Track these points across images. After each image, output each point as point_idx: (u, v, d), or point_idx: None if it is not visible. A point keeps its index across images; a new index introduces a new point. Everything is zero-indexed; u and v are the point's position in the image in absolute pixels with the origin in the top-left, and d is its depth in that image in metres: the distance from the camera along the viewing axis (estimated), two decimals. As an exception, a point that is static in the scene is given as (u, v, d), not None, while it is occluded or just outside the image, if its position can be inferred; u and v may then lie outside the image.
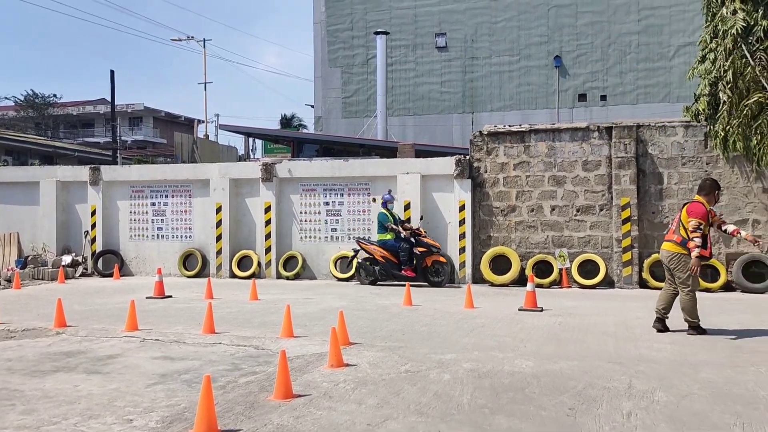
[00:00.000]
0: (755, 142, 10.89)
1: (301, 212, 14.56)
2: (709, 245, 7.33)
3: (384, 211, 12.90)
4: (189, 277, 14.56)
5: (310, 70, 35.70)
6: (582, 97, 26.60)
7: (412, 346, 6.87)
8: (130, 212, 15.51)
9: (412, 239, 12.52)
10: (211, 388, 4.22)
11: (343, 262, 13.93)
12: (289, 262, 14.42)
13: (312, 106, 31.41)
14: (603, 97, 26.08)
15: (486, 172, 13.44)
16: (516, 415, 4.56)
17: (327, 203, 14.44)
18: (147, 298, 10.82)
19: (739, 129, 11.02)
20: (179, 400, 4.96)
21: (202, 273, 14.65)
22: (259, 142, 38.37)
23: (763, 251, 11.85)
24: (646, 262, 12.24)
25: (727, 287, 11.85)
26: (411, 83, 28.15)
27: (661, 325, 7.55)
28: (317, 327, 8.00)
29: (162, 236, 15.29)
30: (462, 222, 13.29)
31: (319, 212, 14.47)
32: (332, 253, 14.13)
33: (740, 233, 7.47)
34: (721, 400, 4.86)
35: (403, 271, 12.47)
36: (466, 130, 25.56)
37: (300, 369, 5.85)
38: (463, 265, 13.24)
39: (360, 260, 13.05)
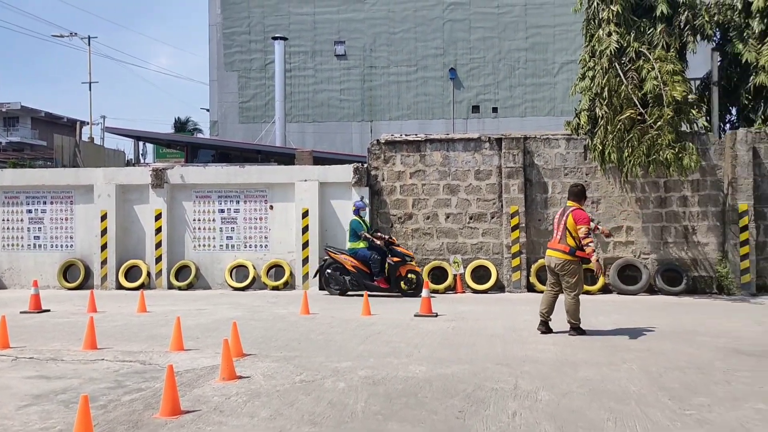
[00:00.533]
0: (627, 154, 11.73)
1: (194, 220, 14.09)
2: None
3: (357, 218, 12.36)
4: (70, 289, 13.67)
5: (205, 72, 34.52)
6: (475, 109, 27.61)
7: (308, 355, 6.82)
8: (3, 220, 14.35)
9: (387, 248, 12.10)
10: (89, 408, 3.98)
11: (240, 271, 13.62)
12: (182, 271, 13.90)
13: (207, 110, 30.53)
14: (495, 110, 27.20)
15: (383, 180, 13.62)
16: (408, 420, 4.63)
17: (222, 210, 14.07)
18: (21, 312, 10.04)
19: (614, 142, 11.83)
20: (54, 422, 4.63)
21: (85, 285, 13.80)
22: (150, 147, 36.77)
23: (636, 256, 12.80)
24: (533, 267, 12.87)
25: (605, 290, 12.69)
26: (310, 90, 28.07)
27: (545, 328, 7.95)
28: (210, 339, 7.75)
29: (39, 246, 14.25)
30: (359, 229, 13.37)
31: (213, 220, 14.06)
32: (228, 262, 13.78)
33: (598, 228, 8.14)
34: (597, 396, 5.19)
35: (375, 282, 11.98)
36: (365, 138, 25.79)
37: (190, 383, 5.65)
38: (360, 272, 13.31)
39: (329, 270, 12.44)
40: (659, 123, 11.56)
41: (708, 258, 12.73)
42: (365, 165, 13.74)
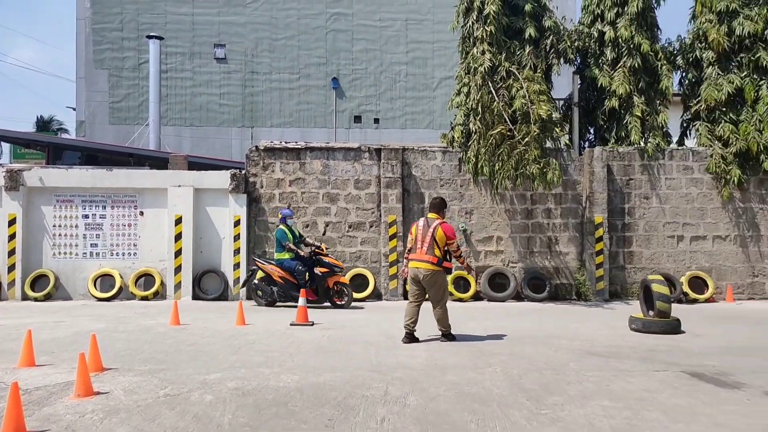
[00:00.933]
0: (497, 167, 12.37)
1: (54, 226, 13.08)
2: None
3: (283, 227, 11.78)
4: None
5: (72, 69, 32.31)
6: (357, 119, 27.90)
7: (175, 367, 6.52)
8: None
9: (314, 258, 11.66)
10: None
11: (105, 280, 12.81)
12: (39, 281, 12.84)
13: (74, 109, 28.52)
14: (376, 120, 27.65)
15: (262, 187, 13.40)
16: (277, 430, 4.56)
17: (86, 216, 13.17)
18: None
19: (486, 156, 12.44)
20: None
21: None
22: (6, 146, 33.70)
23: (505, 264, 13.49)
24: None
25: (476, 297, 13.25)
26: (188, 93, 27.04)
27: (409, 339, 7.94)
28: (66, 353, 7.20)
29: None
30: (237, 237, 13.05)
31: (76, 226, 13.13)
32: (92, 270, 12.91)
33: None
34: (462, 399, 5.38)
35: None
36: (245, 145, 25.19)
37: (40, 401, 5.21)
38: (237, 281, 12.99)
39: (257, 280, 11.98)
40: (527, 139, 12.27)
41: (569, 266, 13.66)
42: (243, 172, 13.45)
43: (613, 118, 14.15)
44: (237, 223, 13.06)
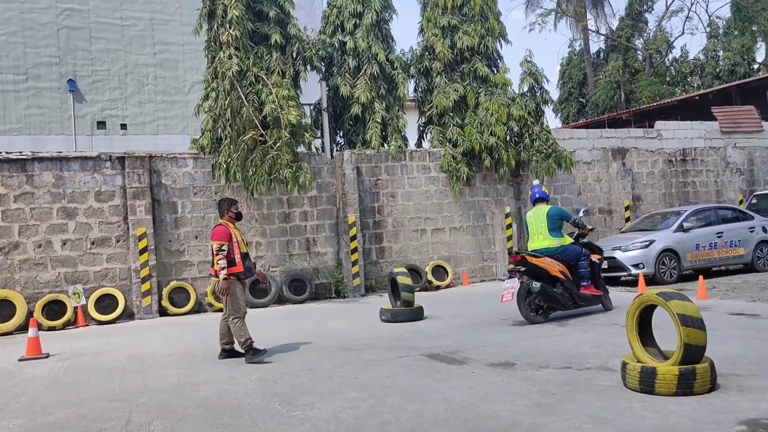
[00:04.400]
0: (251, 173, 12.31)
1: None
2: (240, 261, 7.18)
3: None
4: None
5: None
6: (101, 125, 25.63)
7: None
8: None
9: None
10: None
11: None
12: None
13: None
14: (123, 126, 25.68)
15: (-21, 205, 11.59)
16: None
17: None
18: None
19: (239, 162, 12.30)
20: None
21: None
22: None
23: (265, 269, 13.50)
24: (165, 290, 12.49)
25: (280, 300, 13.14)
26: None
27: (226, 355, 7.48)
28: None
29: None
30: (-53, 266, 11.12)
31: None
32: None
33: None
34: (212, 415, 5.22)
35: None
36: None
37: None
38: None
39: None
40: (279, 144, 12.41)
41: (327, 266, 14.14)
42: (-47, 188, 11.50)
43: (358, 123, 14.99)
44: (-53, 249, 11.12)
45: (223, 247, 7.03)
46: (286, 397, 5.63)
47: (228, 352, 7.51)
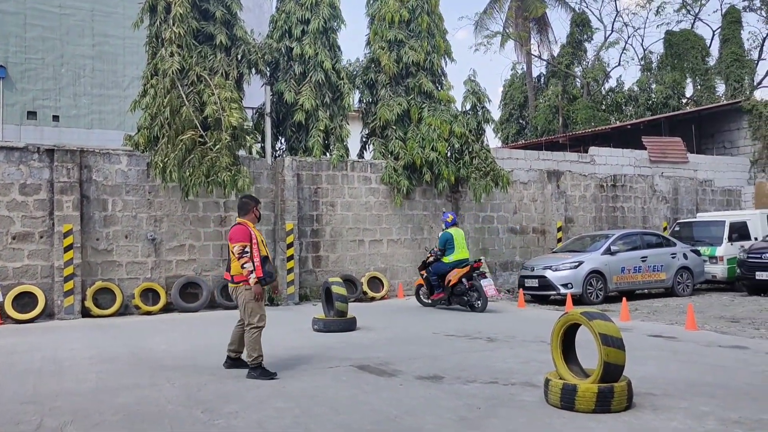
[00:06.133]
0: (188, 174, 12.04)
1: None
2: (259, 265, 6.51)
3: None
4: None
5: None
6: (32, 115, 24.55)
7: None
8: None
9: None
10: None
11: None
12: None
13: None
14: (56, 118, 24.66)
15: None
16: None
17: None
18: None
19: (176, 161, 12.00)
20: None
21: None
22: None
23: (198, 273, 13.19)
24: (89, 291, 12.01)
25: (167, 309, 12.66)
26: None
27: (231, 364, 6.95)
28: None
29: None
30: None
31: None
32: None
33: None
34: (130, 422, 5.04)
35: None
36: None
37: None
38: None
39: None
40: (218, 146, 12.20)
41: (262, 272, 13.90)
42: None
43: (301, 130, 14.90)
44: None
45: (246, 249, 6.41)
46: (210, 405, 5.50)
47: (234, 361, 6.92)
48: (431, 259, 12.52)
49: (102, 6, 25.01)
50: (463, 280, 11.91)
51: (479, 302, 11.81)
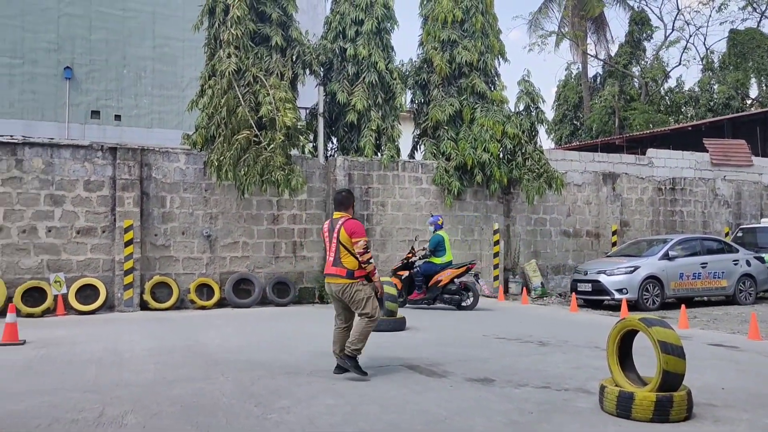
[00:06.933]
0: (243, 172, 12.29)
1: None
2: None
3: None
4: None
5: None
6: (95, 114, 25.51)
7: None
8: None
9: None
10: None
11: None
12: None
13: None
14: (118, 117, 25.56)
15: (-35, 186, 11.47)
16: (-47, 473, 3.89)
17: None
18: None
19: (231, 160, 12.27)
20: None
21: None
22: None
23: (250, 270, 13.44)
24: (148, 284, 12.41)
25: (221, 304, 12.96)
26: None
27: (341, 370, 6.68)
28: None
29: None
30: (-72, 245, 10.98)
31: None
32: None
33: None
34: (187, 413, 5.17)
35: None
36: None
37: None
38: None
39: None
40: (272, 145, 12.41)
41: (312, 270, 14.10)
42: (-61, 167, 11.38)
43: (353, 130, 15.00)
44: (-71, 229, 10.99)
45: (368, 246, 6.24)
46: (263, 400, 5.59)
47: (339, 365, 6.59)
48: (414, 259, 12.55)
49: (163, 9, 25.79)
50: (455, 279, 12.39)
51: (469, 300, 12.43)
